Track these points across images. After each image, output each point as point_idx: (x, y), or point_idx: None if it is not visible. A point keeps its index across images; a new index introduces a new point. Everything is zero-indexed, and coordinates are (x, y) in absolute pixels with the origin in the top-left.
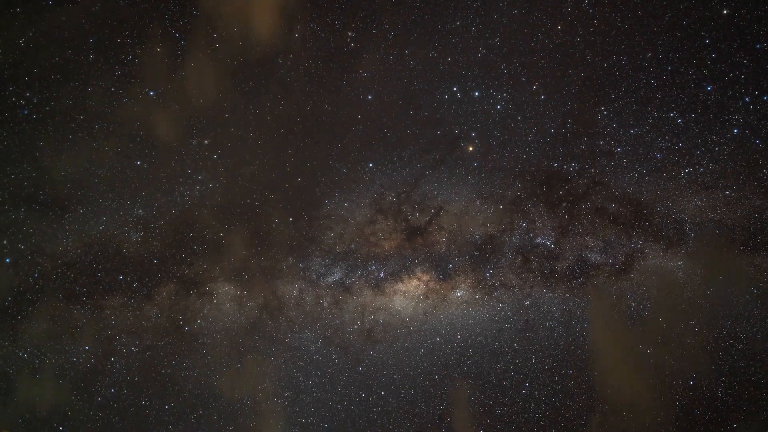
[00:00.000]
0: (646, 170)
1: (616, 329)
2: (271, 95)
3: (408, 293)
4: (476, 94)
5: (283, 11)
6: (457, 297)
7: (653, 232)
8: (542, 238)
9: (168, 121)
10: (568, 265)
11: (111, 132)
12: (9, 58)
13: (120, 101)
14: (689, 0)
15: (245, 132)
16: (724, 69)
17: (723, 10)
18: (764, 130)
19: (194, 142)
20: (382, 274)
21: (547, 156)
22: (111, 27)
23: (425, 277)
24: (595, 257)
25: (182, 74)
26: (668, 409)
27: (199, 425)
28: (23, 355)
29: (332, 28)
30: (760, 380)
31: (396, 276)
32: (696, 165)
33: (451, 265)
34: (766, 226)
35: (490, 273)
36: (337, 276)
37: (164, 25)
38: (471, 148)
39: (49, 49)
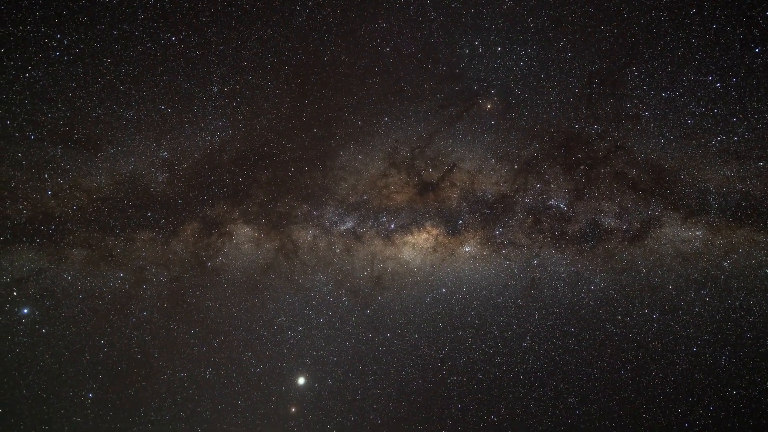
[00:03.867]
0: (674, 136)
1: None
2: (289, 44)
3: (417, 245)
4: (499, 49)
5: None
6: (465, 252)
7: (674, 200)
8: (556, 200)
9: (189, 68)
10: (580, 228)
11: (136, 76)
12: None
13: (144, 45)
14: None
15: (263, 81)
16: None
17: None
18: None
19: (214, 88)
20: (392, 226)
21: (568, 117)
22: None
23: (435, 231)
24: (609, 222)
25: (202, 20)
26: (667, 371)
27: (221, 349)
28: (67, 277)
29: None
30: None
31: (406, 228)
32: (730, 133)
33: (461, 221)
34: None
35: (499, 231)
36: (349, 225)
37: None
38: (489, 106)
39: None
